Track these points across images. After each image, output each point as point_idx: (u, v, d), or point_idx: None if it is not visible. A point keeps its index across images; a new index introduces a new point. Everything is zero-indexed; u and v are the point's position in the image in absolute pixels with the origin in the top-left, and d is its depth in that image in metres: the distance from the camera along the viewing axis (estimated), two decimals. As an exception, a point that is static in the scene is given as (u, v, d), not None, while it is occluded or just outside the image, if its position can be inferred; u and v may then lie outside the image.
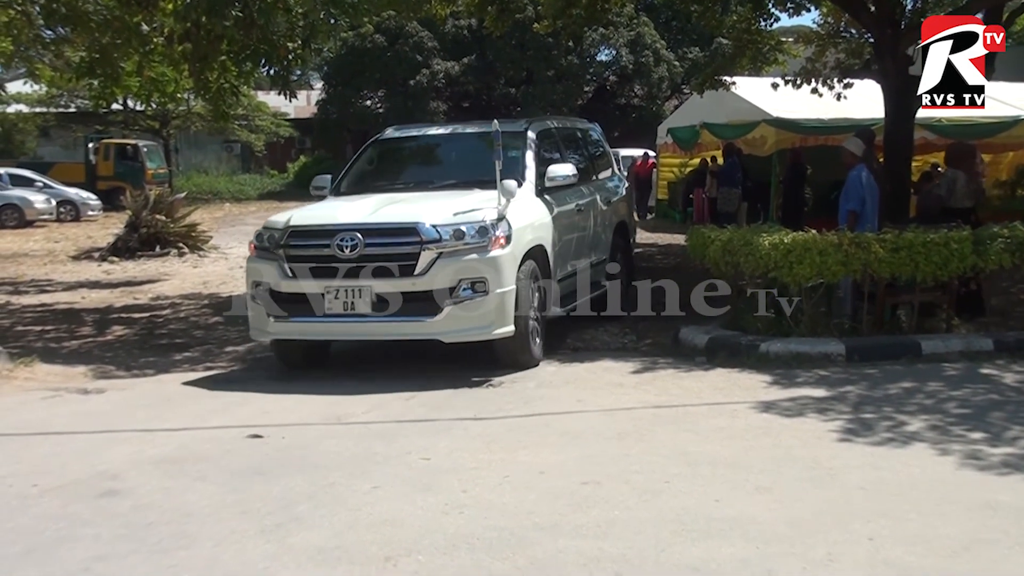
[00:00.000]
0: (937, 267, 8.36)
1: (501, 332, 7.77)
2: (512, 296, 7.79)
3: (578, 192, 9.66)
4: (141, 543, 4.53)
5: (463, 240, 7.67)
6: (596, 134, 11.66)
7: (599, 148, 11.49)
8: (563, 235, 9.02)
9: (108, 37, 11.81)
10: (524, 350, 8.08)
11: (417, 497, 5.07)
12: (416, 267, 7.61)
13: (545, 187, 8.90)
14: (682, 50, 42.47)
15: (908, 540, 4.43)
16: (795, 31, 19.51)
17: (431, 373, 7.99)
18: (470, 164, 9.21)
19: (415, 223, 7.72)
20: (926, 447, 5.85)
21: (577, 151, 10.59)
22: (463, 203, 8.07)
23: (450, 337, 7.72)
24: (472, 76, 40.99)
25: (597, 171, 10.92)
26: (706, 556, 4.27)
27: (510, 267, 7.81)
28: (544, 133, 9.77)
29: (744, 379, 7.66)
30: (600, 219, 10.27)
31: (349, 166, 10.04)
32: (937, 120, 18.35)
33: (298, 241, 7.99)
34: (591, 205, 10.01)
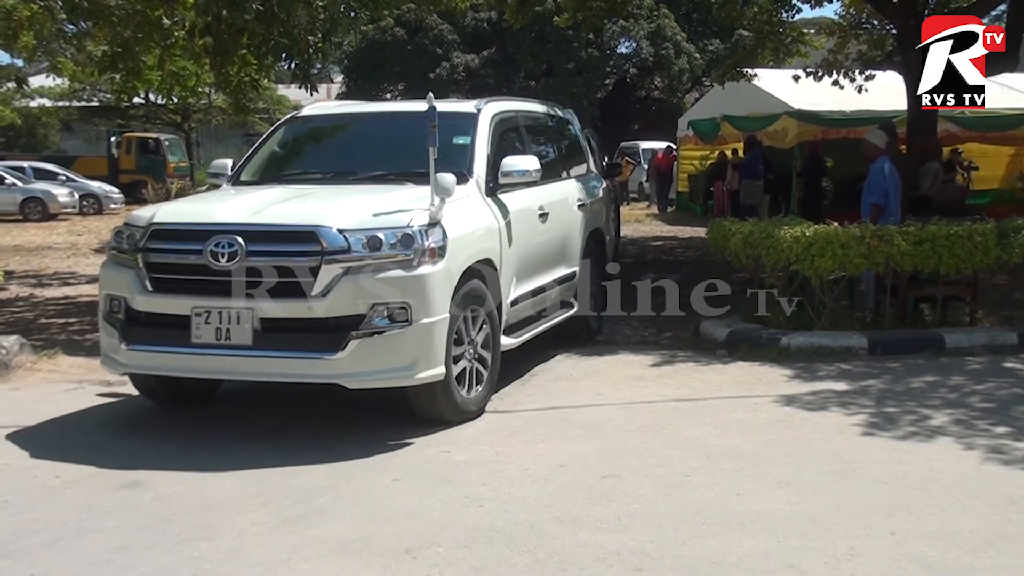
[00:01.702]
0: (961, 260, 8.30)
1: (428, 375, 5.94)
2: (445, 327, 6.02)
3: (543, 192, 7.92)
4: (163, 534, 4.55)
5: (380, 251, 5.85)
6: (573, 124, 9.77)
7: (574, 140, 9.64)
8: (520, 245, 7.26)
9: (130, 31, 11.86)
10: (449, 400, 6.20)
11: (437, 490, 5.08)
12: (314, 285, 5.77)
13: (499, 184, 7.12)
14: (703, 42, 42.33)
15: (930, 535, 4.40)
16: (817, 23, 19.44)
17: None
18: (407, 152, 7.18)
19: (315, 226, 5.86)
20: (949, 441, 5.81)
21: (546, 142, 8.88)
22: (386, 202, 6.27)
23: (357, 381, 5.88)
24: (492, 69, 40.97)
25: (570, 167, 9.10)
26: (727, 550, 4.26)
27: (443, 288, 6.03)
28: (503, 118, 7.84)
29: (765, 372, 7.63)
30: (571, 225, 8.55)
31: (254, 149, 8.07)
32: (960, 112, 18.23)
33: (162, 244, 6.15)
34: (560, 208, 8.25)
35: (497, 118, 7.70)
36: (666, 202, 27.24)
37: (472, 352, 6.45)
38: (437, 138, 6.26)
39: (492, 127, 7.51)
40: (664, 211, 26.69)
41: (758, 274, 9.00)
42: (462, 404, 6.31)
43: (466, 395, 6.37)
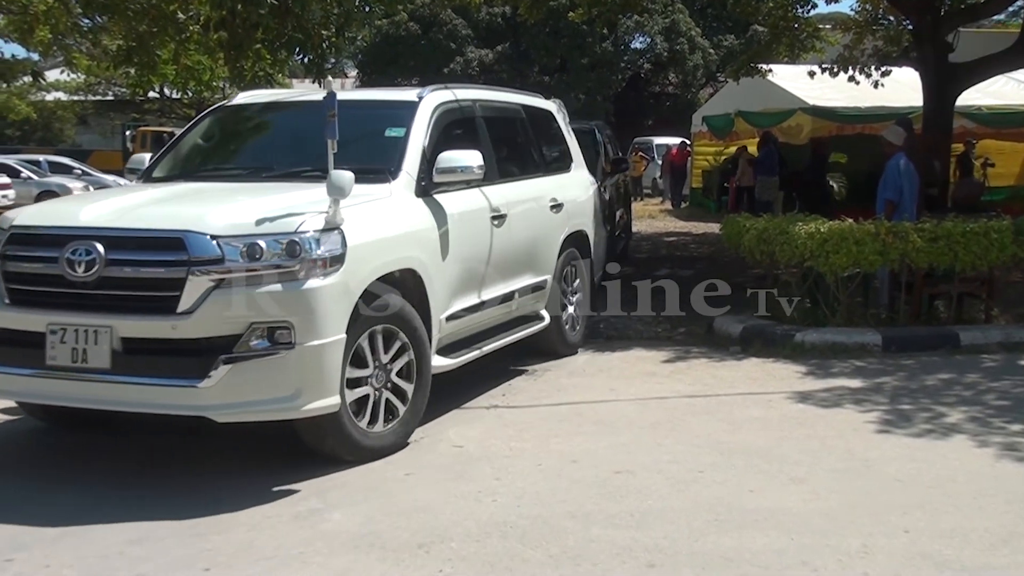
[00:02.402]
0: (976, 257, 8.26)
1: (317, 407, 5.08)
2: (339, 350, 5.17)
3: (501, 192, 7.11)
4: (175, 527, 4.56)
5: (260, 261, 5.03)
6: (556, 116, 8.76)
7: (556, 134, 8.72)
8: (463, 252, 6.44)
9: (145, 25, 11.89)
10: (341, 436, 5.33)
11: (450, 484, 5.08)
12: (180, 300, 4.97)
13: (434, 183, 6.27)
14: (717, 38, 42.23)
15: (945, 533, 4.38)
16: (832, 18, 19.35)
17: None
18: (346, 145, 6.32)
19: (183, 231, 5.05)
20: (964, 439, 5.79)
21: (515, 137, 8.02)
22: (282, 203, 5.41)
23: (227, 413, 5.05)
24: (506, 64, 40.95)
25: (548, 164, 8.30)
26: (740, 547, 4.24)
27: (338, 305, 5.18)
28: (451, 108, 6.94)
29: (779, 369, 7.61)
30: (541, 229, 7.70)
31: (174, 140, 7.34)
32: (977, 108, 18.17)
33: (19, 250, 5.38)
34: (525, 210, 7.42)
35: (442, 108, 6.78)
36: (680, 198, 27.20)
37: (381, 379, 5.53)
38: (336, 129, 5.51)
39: (434, 118, 6.62)
40: (678, 207, 26.64)
41: (772, 270, 8.97)
42: (361, 440, 5.40)
43: (369, 429, 5.47)
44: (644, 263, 14.70)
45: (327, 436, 5.30)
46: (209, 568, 4.12)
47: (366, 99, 7.55)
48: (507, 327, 7.28)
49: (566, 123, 8.90)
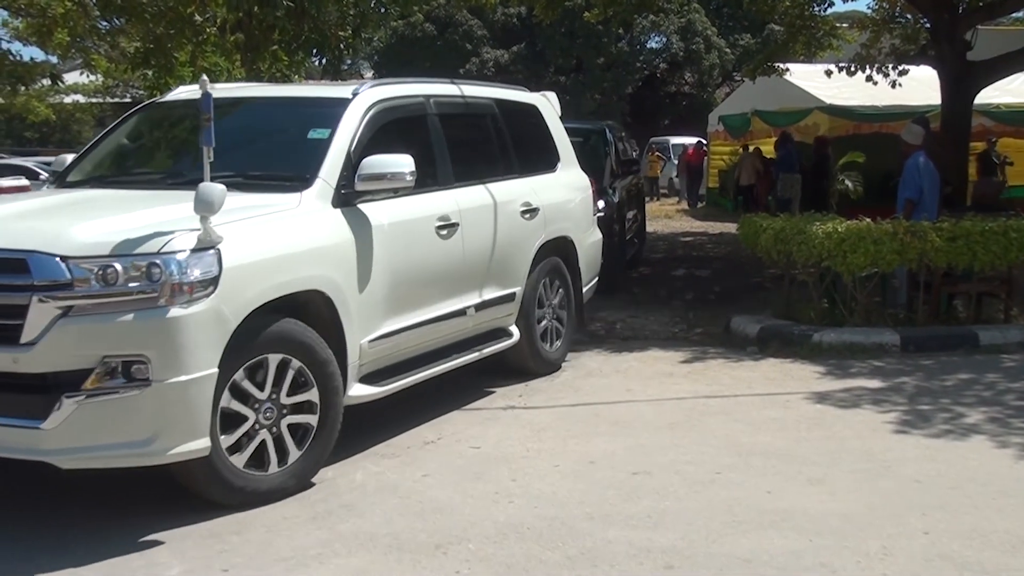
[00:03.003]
0: (995, 256, 8.21)
1: (182, 451, 4.49)
2: (208, 387, 4.53)
3: (453, 198, 6.46)
4: (193, 527, 4.57)
5: (115, 286, 4.40)
6: (541, 112, 8.03)
7: (540, 133, 8.00)
8: (396, 266, 5.79)
9: (162, 28, 11.97)
10: (215, 479, 4.72)
11: (467, 485, 5.08)
12: (23, 330, 4.38)
13: (357, 192, 5.58)
14: (733, 37, 42.12)
15: (965, 534, 4.36)
16: (849, 16, 19.23)
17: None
18: (261, 150, 6.14)
19: (27, 252, 4.45)
20: (984, 440, 5.76)
21: (478, 136, 7.30)
22: (153, 218, 4.75)
23: (72, 459, 4.43)
24: (521, 65, 40.95)
25: (525, 166, 7.54)
26: (758, 548, 4.23)
27: (208, 335, 4.52)
28: (392, 106, 6.23)
29: (797, 369, 7.58)
30: (508, 237, 6.99)
31: (96, 141, 6.70)
32: (995, 106, 18.07)
33: None
34: (486, 217, 6.78)
35: (381, 107, 6.09)
36: (696, 198, 27.15)
37: (271, 415, 4.88)
38: (212, 135, 4.86)
39: (368, 118, 5.93)
40: (694, 207, 26.60)
41: (789, 270, 8.94)
42: (245, 485, 4.79)
43: (255, 472, 4.84)
44: (661, 263, 14.70)
45: (201, 481, 4.72)
46: (227, 569, 4.14)
47: (293, 96, 6.81)
48: (465, 345, 6.64)
49: (555, 119, 8.20)
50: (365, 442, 5.88)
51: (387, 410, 6.52)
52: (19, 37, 17.15)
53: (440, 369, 6.32)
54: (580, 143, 12.71)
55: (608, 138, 12.87)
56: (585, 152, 12.31)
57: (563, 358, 7.87)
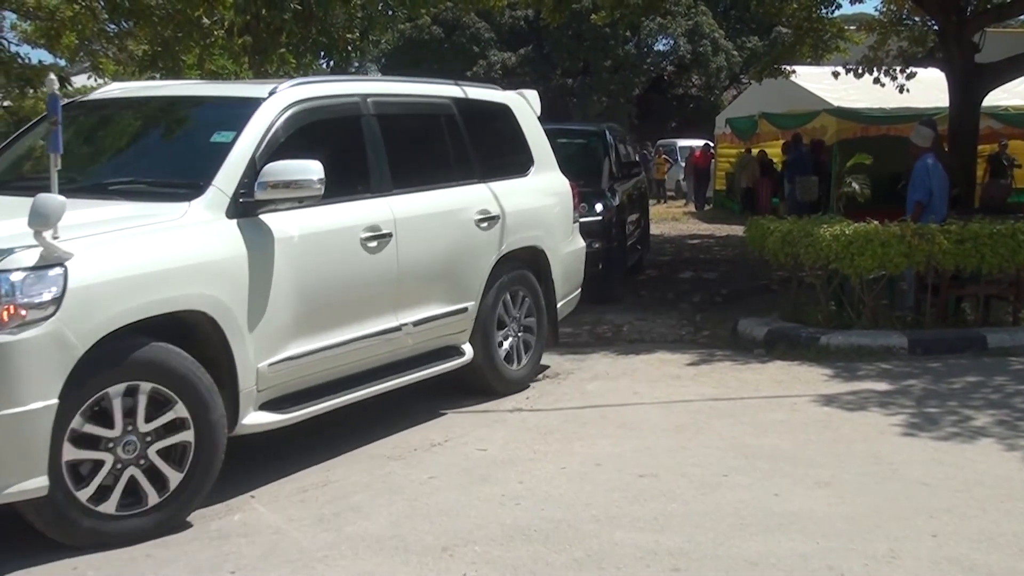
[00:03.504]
0: (1003, 259, 8.19)
1: (15, 492, 4.08)
2: (46, 420, 4.10)
3: (387, 206, 5.92)
4: (200, 530, 4.58)
5: None
6: (513, 111, 7.49)
7: (508, 133, 7.45)
8: (302, 283, 5.26)
9: (170, 30, 11.99)
10: (61, 522, 4.29)
11: (474, 488, 5.08)
12: None
13: (258, 201, 5.08)
14: (741, 39, 42.12)
15: (972, 537, 4.35)
16: (857, 18, 19.26)
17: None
18: (162, 154, 5.71)
19: None
20: (992, 442, 5.74)
21: (428, 138, 6.81)
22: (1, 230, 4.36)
23: None
24: (529, 67, 40.99)
25: (488, 170, 7.01)
26: (765, 551, 4.23)
27: (46, 362, 4.09)
28: (314, 106, 5.74)
29: (804, 372, 7.57)
30: (457, 248, 6.45)
31: (8, 142, 6.30)
32: (1004, 109, 18.05)
33: None
34: (428, 226, 6.22)
35: (300, 107, 5.59)
36: (703, 200, 27.13)
37: (132, 449, 4.41)
38: (60, 140, 4.42)
39: (283, 119, 5.43)
40: (701, 209, 26.58)
41: (796, 272, 8.93)
42: (100, 527, 4.35)
43: (112, 512, 4.39)
44: (668, 265, 14.70)
45: (46, 522, 4.27)
46: (235, 571, 4.14)
47: (203, 95, 6.29)
48: (404, 365, 6.13)
49: (531, 119, 7.65)
50: (371, 444, 5.89)
51: (391, 411, 6.53)
52: (27, 40, 17.18)
53: (368, 392, 5.78)
54: (578, 145, 12.37)
55: (608, 140, 12.51)
56: (583, 155, 12.05)
57: (531, 376, 7.28)
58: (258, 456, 5.63)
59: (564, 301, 7.73)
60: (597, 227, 10.41)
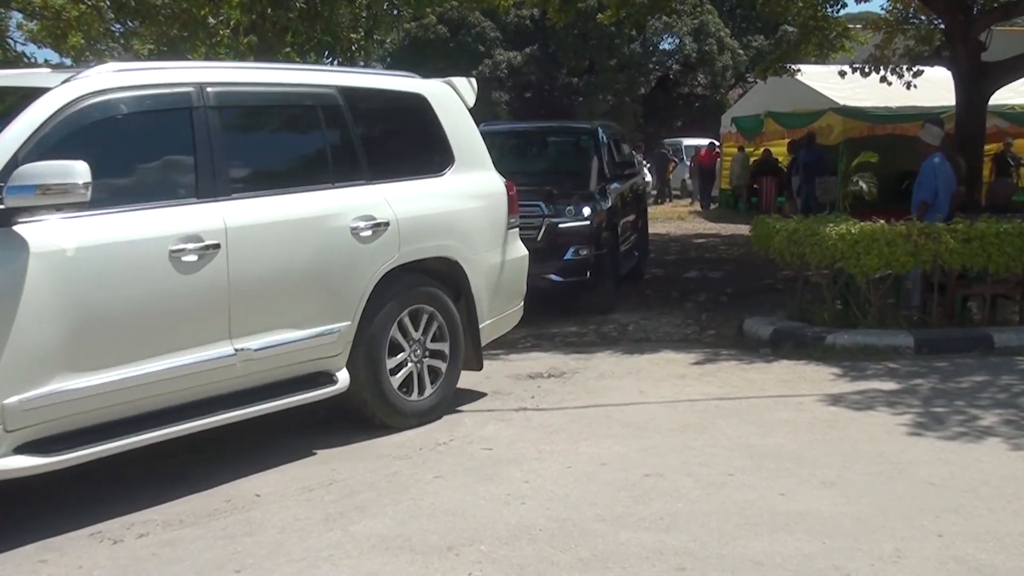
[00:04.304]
0: (1011, 258, 8.17)
1: None
2: None
3: (214, 215, 5.15)
4: (206, 529, 4.59)
5: None
6: (429, 102, 6.68)
7: (420, 127, 6.66)
8: (74, 307, 4.58)
9: (176, 30, 12.02)
10: None
11: (479, 487, 5.08)
12: None
13: (11, 209, 4.44)
14: (746, 38, 42.07)
15: (979, 537, 4.33)
16: (863, 17, 19.20)
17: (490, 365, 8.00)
18: None
19: None
20: (999, 442, 5.72)
21: (292, 136, 6.17)
22: None
23: None
24: (534, 66, 40.95)
25: (375, 172, 6.14)
26: (770, 550, 4.22)
27: None
28: (112, 100, 4.97)
29: (810, 371, 7.55)
30: (321, 262, 5.64)
31: None
32: (1010, 107, 18.01)
33: None
34: (274, 237, 5.42)
35: (97, 100, 4.87)
36: (709, 199, 27.10)
37: None
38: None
39: (69, 114, 4.75)
40: (707, 208, 26.55)
41: (802, 272, 8.92)
42: None
43: None
44: (673, 265, 14.69)
45: None
46: (240, 570, 4.15)
47: None
48: (244, 397, 5.35)
49: (456, 112, 6.85)
50: (376, 444, 5.89)
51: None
52: (34, 40, 17.22)
53: (187, 428, 5.05)
54: (567, 144, 12.21)
55: (600, 139, 11.71)
56: (572, 154, 11.82)
57: (438, 407, 6.39)
58: (261, 455, 5.64)
59: (493, 320, 6.86)
60: (585, 232, 9.98)
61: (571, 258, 9.91)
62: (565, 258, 9.88)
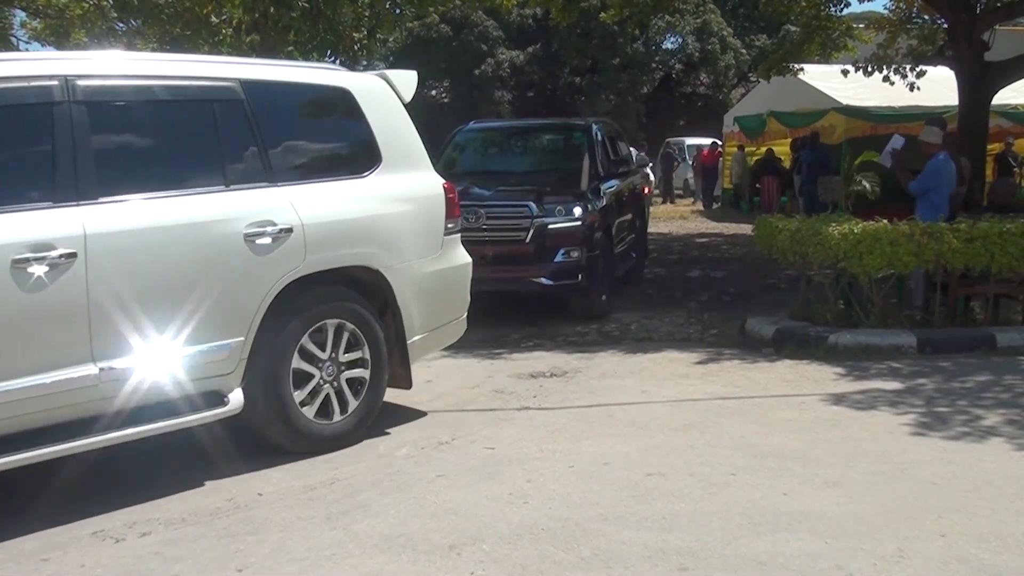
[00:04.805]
0: (1013, 258, 8.16)
1: None
2: None
3: (69, 222, 4.71)
4: (208, 527, 4.59)
5: None
6: (355, 99, 6.14)
7: (341, 123, 6.22)
8: None
9: (178, 29, 12.04)
10: None
11: (481, 486, 5.08)
12: None
13: None
14: (749, 37, 42.05)
15: (982, 537, 4.33)
16: (866, 17, 19.17)
17: (495, 361, 8.00)
18: None
19: None
20: (1002, 442, 5.71)
21: (181, 134, 5.44)
22: None
23: None
24: (537, 65, 40.94)
25: (283, 173, 5.63)
26: (773, 550, 4.21)
27: None
28: None
29: (812, 371, 7.55)
30: (205, 272, 5.15)
31: None
32: (1013, 107, 17.99)
33: None
34: (138, 246, 4.92)
35: None
36: (711, 199, 27.09)
37: None
38: None
39: None
40: (709, 208, 26.53)
41: (805, 271, 8.91)
42: None
43: None
44: (676, 264, 14.68)
45: None
46: (242, 569, 4.15)
47: None
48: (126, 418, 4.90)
49: (386, 107, 6.31)
50: (378, 443, 5.89)
51: (398, 412, 6.53)
52: (37, 38, 17.26)
53: (44, 454, 4.62)
54: (559, 142, 11.81)
55: (594, 136, 11.24)
56: (564, 152, 11.45)
57: (356, 431, 5.84)
58: (263, 453, 5.64)
59: (426, 335, 6.30)
60: (576, 233, 9.57)
61: (561, 260, 9.52)
62: (555, 260, 9.50)
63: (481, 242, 9.03)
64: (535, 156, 11.81)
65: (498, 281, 9.35)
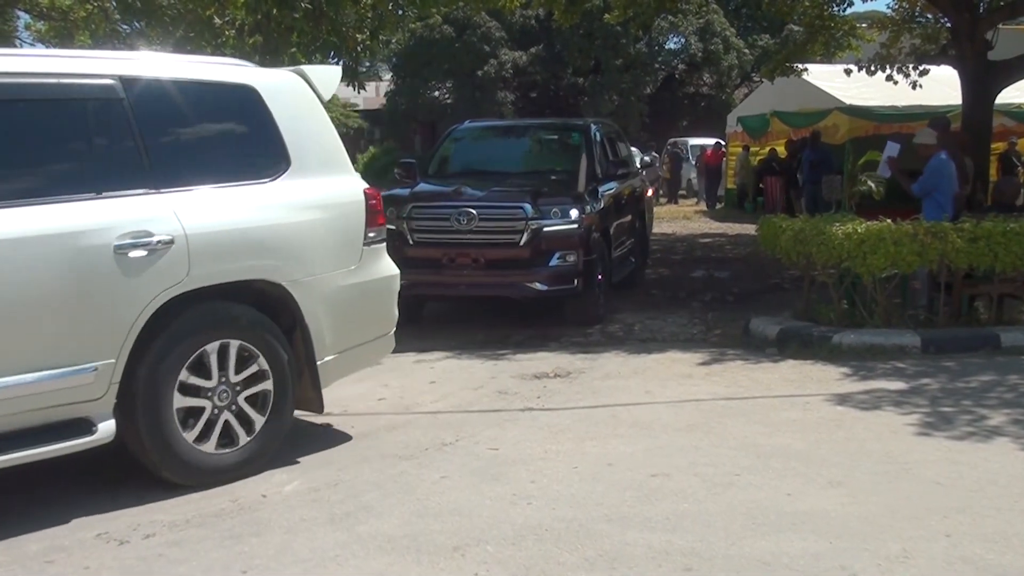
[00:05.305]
0: (1017, 258, 8.15)
1: None
2: None
3: None
4: (212, 529, 4.59)
5: None
6: (260, 97, 5.59)
7: (233, 127, 5.63)
8: None
9: (181, 30, 12.05)
10: None
11: (485, 487, 5.07)
12: None
13: None
14: (752, 37, 42.01)
15: (987, 537, 4.32)
16: (869, 16, 19.16)
17: (496, 366, 7.99)
18: None
19: None
20: (1007, 442, 5.71)
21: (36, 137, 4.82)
22: None
23: None
24: (540, 66, 40.92)
25: (168, 178, 5.08)
26: (777, 550, 4.21)
27: None
28: None
29: (816, 371, 7.54)
30: (61, 289, 4.61)
31: None
32: (1016, 106, 17.97)
33: None
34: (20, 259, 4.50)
35: None
36: (715, 199, 27.08)
37: None
38: None
39: None
40: (713, 208, 26.53)
41: (809, 271, 8.91)
42: None
43: None
44: (679, 264, 14.68)
45: None
46: (246, 571, 4.15)
47: None
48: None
49: (299, 104, 5.79)
50: (382, 444, 5.89)
51: (399, 412, 6.53)
52: (41, 40, 17.30)
53: None
54: (556, 143, 11.66)
55: (592, 136, 11.01)
56: (560, 153, 11.33)
57: (255, 460, 5.33)
58: (266, 455, 5.64)
59: (341, 354, 5.76)
60: (572, 237, 9.28)
61: (557, 265, 9.21)
62: (550, 265, 9.20)
63: (473, 245, 9.02)
64: (531, 157, 11.63)
65: (491, 286, 9.31)
